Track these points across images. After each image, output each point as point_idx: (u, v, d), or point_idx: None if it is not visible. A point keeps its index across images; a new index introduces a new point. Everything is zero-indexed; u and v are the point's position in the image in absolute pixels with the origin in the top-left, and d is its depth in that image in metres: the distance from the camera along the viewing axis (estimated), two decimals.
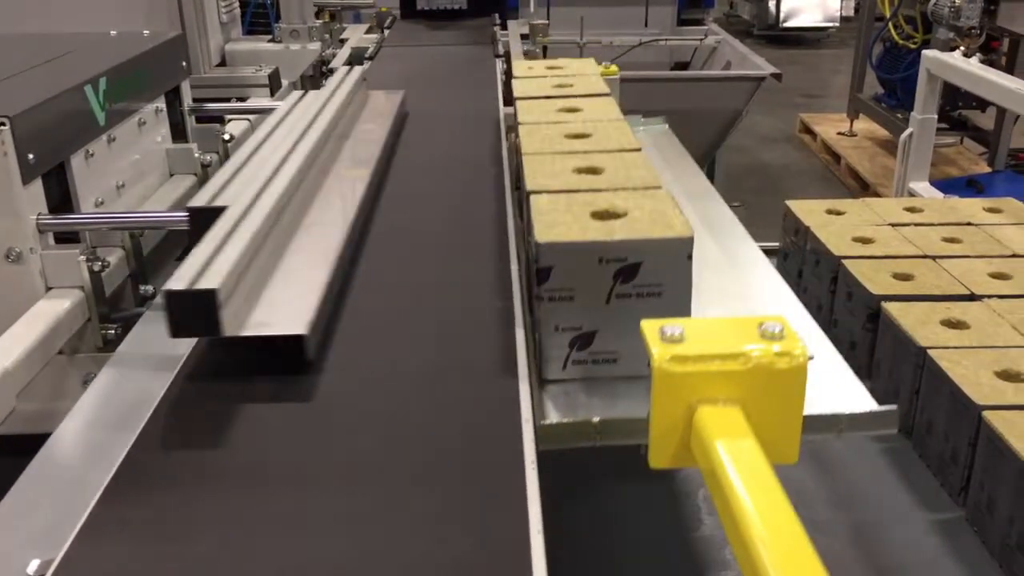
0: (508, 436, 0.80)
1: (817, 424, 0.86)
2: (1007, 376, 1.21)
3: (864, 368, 1.49)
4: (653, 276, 0.89)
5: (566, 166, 1.10)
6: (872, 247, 1.63)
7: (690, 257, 0.88)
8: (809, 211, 1.80)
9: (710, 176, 4.38)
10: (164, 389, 0.87)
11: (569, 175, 1.07)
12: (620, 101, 1.54)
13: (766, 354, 0.67)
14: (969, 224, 1.73)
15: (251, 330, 0.89)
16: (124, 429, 0.83)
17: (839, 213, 1.79)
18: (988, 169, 4.81)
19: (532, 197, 0.99)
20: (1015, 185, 4.46)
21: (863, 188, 5.07)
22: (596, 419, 0.86)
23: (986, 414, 1.12)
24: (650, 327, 0.70)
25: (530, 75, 1.59)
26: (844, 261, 1.57)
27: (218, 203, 1.06)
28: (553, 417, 0.87)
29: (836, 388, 0.94)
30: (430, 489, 0.74)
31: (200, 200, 1.10)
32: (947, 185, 4.37)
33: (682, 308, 0.90)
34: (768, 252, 1.95)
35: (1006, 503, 1.08)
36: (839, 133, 5.84)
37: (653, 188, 1.01)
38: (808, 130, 6.21)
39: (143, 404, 0.86)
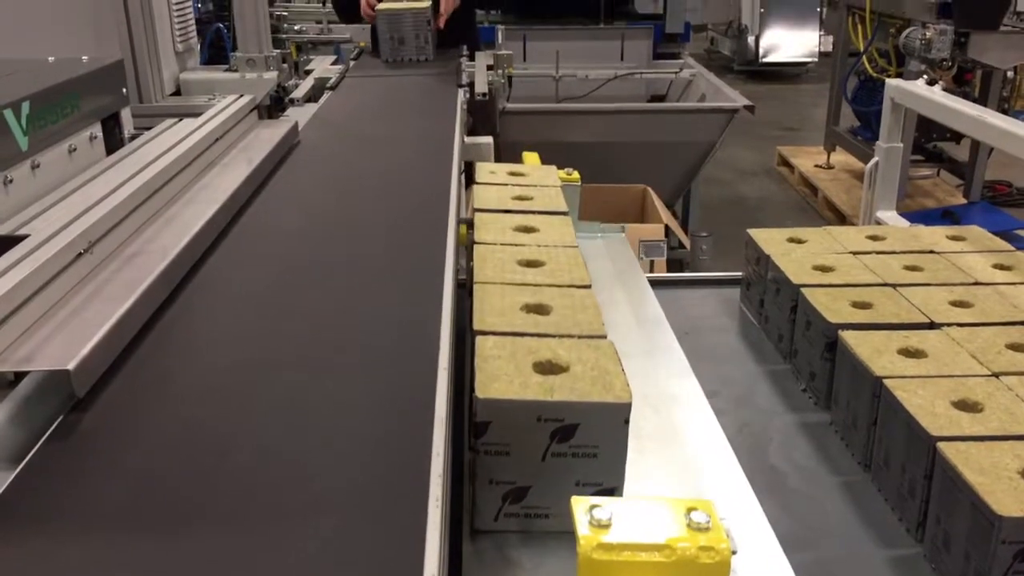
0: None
1: None
2: (964, 406, 1.17)
3: (823, 398, 1.45)
4: (589, 438, 0.90)
5: (515, 301, 1.12)
6: (832, 275, 1.59)
7: (627, 422, 0.90)
8: (770, 239, 1.76)
9: (686, 207, 4.40)
10: None
11: (516, 313, 1.09)
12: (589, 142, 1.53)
13: (690, 548, 0.70)
14: (932, 252, 1.70)
15: (10, 366, 0.85)
16: None
17: (800, 241, 1.76)
18: (964, 200, 4.82)
19: (478, 339, 1.01)
20: (990, 216, 4.47)
21: (840, 220, 5.07)
22: None
23: (940, 445, 1.08)
24: (580, 506, 0.73)
25: (491, 181, 1.63)
26: (803, 289, 1.53)
27: (24, 231, 1.03)
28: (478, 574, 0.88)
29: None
30: None
31: (5, 228, 1.07)
32: (923, 216, 4.38)
33: (616, 469, 0.92)
34: (731, 282, 1.94)
35: (960, 539, 1.03)
36: (816, 166, 5.86)
37: (598, 337, 1.04)
38: (786, 163, 6.24)
39: None
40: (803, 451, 1.36)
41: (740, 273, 1.87)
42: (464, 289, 1.56)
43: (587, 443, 0.90)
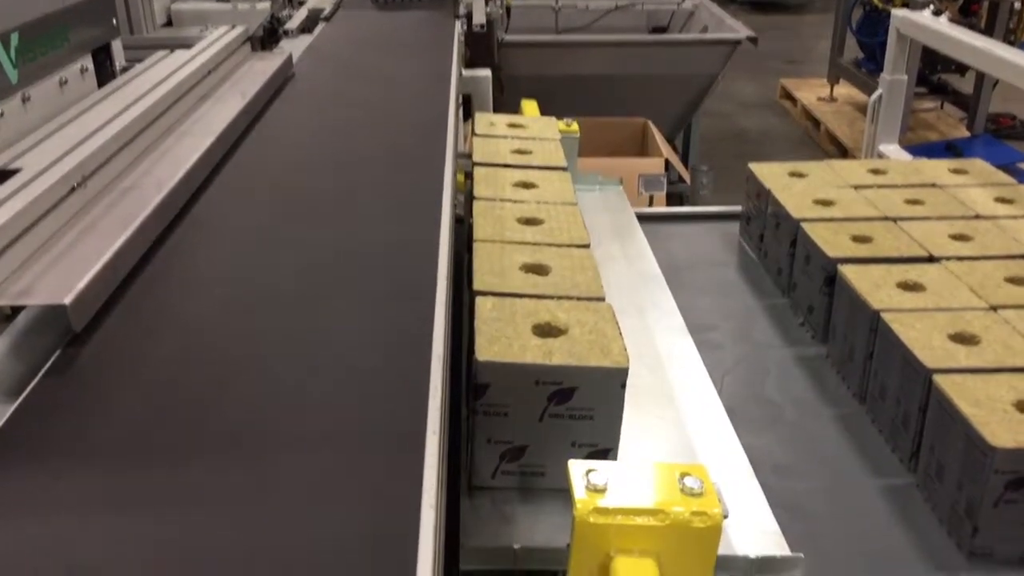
0: None
1: (725, 564, 0.86)
2: (960, 339, 1.18)
3: (821, 332, 1.45)
4: (587, 400, 0.92)
5: (514, 261, 1.13)
6: (832, 209, 1.58)
7: (623, 386, 0.91)
8: (771, 174, 1.75)
9: (686, 141, 4.36)
10: None
11: (515, 274, 1.10)
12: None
13: (684, 513, 0.72)
14: (933, 186, 1.69)
15: (6, 299, 0.84)
16: None
17: (801, 176, 1.75)
18: (967, 133, 4.77)
19: (477, 299, 1.02)
20: (994, 149, 4.43)
21: (842, 153, 5.02)
22: (517, 546, 0.88)
23: (936, 378, 1.09)
24: (577, 470, 0.74)
25: (491, 133, 1.63)
26: (803, 224, 1.53)
27: (17, 165, 1.02)
28: (474, 529, 0.90)
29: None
30: None
31: None
32: (926, 149, 4.34)
33: (612, 430, 0.93)
34: (731, 216, 1.93)
35: (954, 469, 1.04)
36: (819, 98, 5.78)
37: (596, 299, 1.04)
38: (789, 96, 6.15)
39: None
40: (800, 384, 1.37)
41: (740, 207, 1.86)
42: (462, 224, 1.56)
43: (584, 406, 0.92)
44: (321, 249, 1.06)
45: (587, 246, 1.19)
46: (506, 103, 3.60)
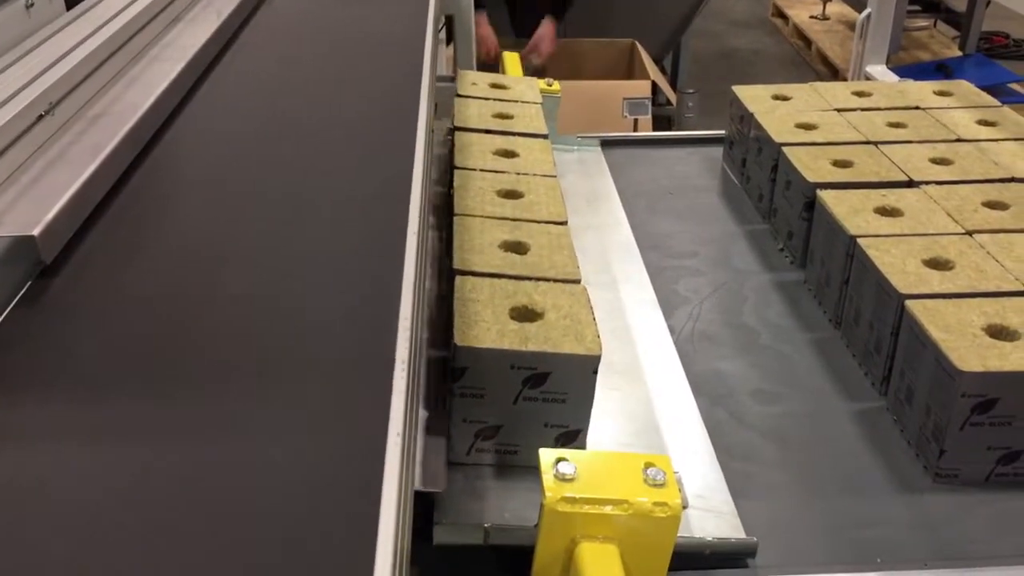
0: None
1: (683, 545, 0.89)
2: (935, 264, 1.18)
3: (800, 258, 1.46)
4: (560, 385, 0.96)
5: (494, 237, 1.14)
6: (814, 133, 1.57)
7: (595, 372, 0.95)
8: (754, 97, 1.74)
9: (675, 62, 4.29)
10: None
11: (494, 252, 1.12)
12: None
13: (646, 503, 0.77)
14: (917, 108, 1.68)
15: None
16: None
17: (785, 99, 1.73)
18: (960, 53, 4.71)
19: (457, 279, 1.04)
20: (985, 69, 4.39)
21: (833, 74, 4.97)
22: (487, 524, 0.92)
23: (908, 303, 1.10)
24: (547, 459, 0.79)
25: (472, 95, 1.63)
26: (784, 148, 1.52)
27: None
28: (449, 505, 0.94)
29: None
30: None
31: None
32: (916, 70, 4.30)
33: (583, 413, 0.98)
34: (715, 141, 1.92)
35: (923, 393, 1.06)
36: (812, 16, 5.70)
37: (572, 282, 1.07)
38: (781, 13, 6.06)
39: None
40: (777, 309, 1.38)
41: (724, 131, 1.85)
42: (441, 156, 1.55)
43: (557, 390, 0.96)
44: (292, 171, 1.05)
45: (565, 223, 1.21)
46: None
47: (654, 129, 2.98)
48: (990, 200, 1.34)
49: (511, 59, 1.96)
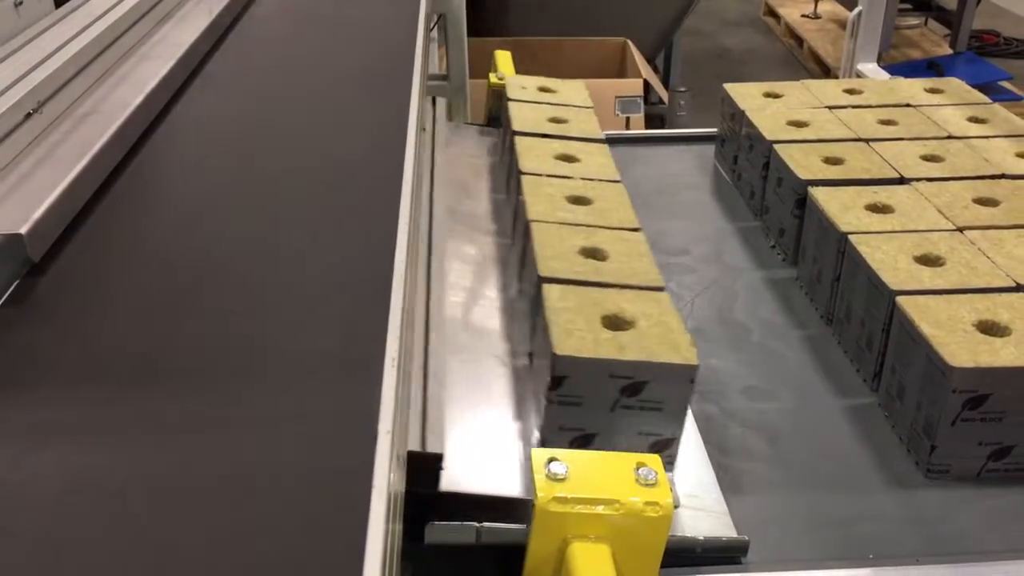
0: None
1: (674, 544, 0.89)
2: (926, 261, 1.19)
3: (791, 255, 1.46)
4: (656, 394, 0.96)
5: (572, 244, 1.16)
6: (805, 131, 1.57)
7: (692, 381, 0.96)
8: (746, 94, 1.74)
9: (667, 61, 4.30)
10: None
11: (575, 258, 1.14)
12: None
13: (637, 502, 0.77)
14: (908, 105, 1.68)
15: None
16: None
17: (776, 96, 1.73)
18: (951, 51, 4.73)
19: (544, 287, 1.06)
20: (976, 67, 4.40)
21: (825, 72, 4.98)
22: (479, 524, 0.91)
23: (899, 299, 1.10)
24: (539, 459, 0.80)
25: (524, 99, 1.64)
26: (776, 145, 1.52)
27: None
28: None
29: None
30: None
31: None
32: (907, 68, 4.30)
33: (677, 421, 0.98)
34: (706, 138, 1.92)
35: (915, 389, 1.06)
36: (803, 15, 5.71)
37: (656, 289, 1.08)
38: (772, 12, 6.07)
39: None
40: (769, 306, 1.38)
41: (716, 129, 1.85)
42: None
43: (654, 398, 0.96)
44: (284, 169, 1.05)
45: (639, 229, 1.23)
46: (485, 26, 3.53)
47: (646, 127, 2.98)
48: (981, 197, 1.35)
49: (503, 57, 1.96)
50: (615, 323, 1.01)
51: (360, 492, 0.56)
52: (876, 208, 1.32)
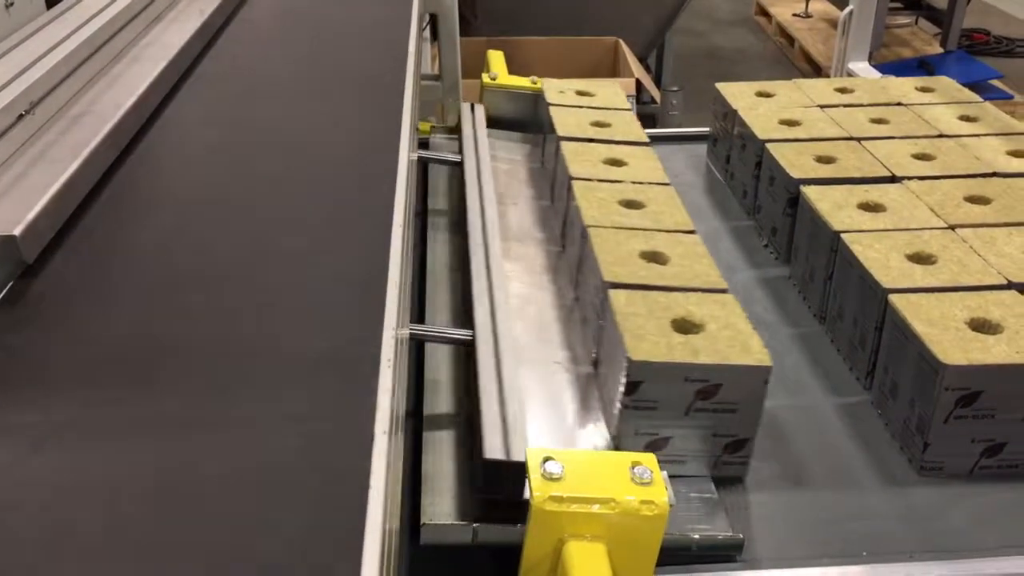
0: None
1: (670, 543, 0.89)
2: (918, 259, 1.19)
3: (784, 253, 1.46)
4: (731, 395, 0.98)
5: (631, 249, 1.18)
6: (797, 130, 1.58)
7: (766, 382, 0.97)
8: (738, 94, 1.74)
9: (659, 60, 4.30)
10: None
11: (636, 262, 1.15)
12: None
13: (633, 501, 0.77)
14: (899, 104, 1.69)
15: None
16: None
17: (768, 95, 1.74)
18: (941, 50, 4.74)
19: (611, 292, 1.07)
20: (966, 66, 4.42)
21: (816, 71, 4.99)
22: (474, 525, 0.91)
23: (892, 297, 1.10)
24: (534, 458, 0.80)
25: (564, 103, 1.65)
26: (768, 145, 1.52)
27: None
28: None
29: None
30: None
31: None
32: (898, 67, 4.32)
33: (752, 422, 1.00)
34: (698, 138, 1.92)
35: (907, 386, 1.07)
36: (794, 14, 5.72)
37: (720, 291, 1.10)
38: (764, 12, 6.08)
39: None
40: (762, 304, 1.38)
41: (708, 128, 1.85)
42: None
43: (729, 400, 0.98)
44: (276, 169, 1.05)
45: (694, 232, 1.24)
46: (478, 26, 3.53)
47: None
48: (972, 195, 1.35)
49: (495, 57, 1.96)
50: (684, 326, 1.03)
51: (357, 492, 0.56)
52: (868, 207, 1.32)
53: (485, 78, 1.83)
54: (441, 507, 0.91)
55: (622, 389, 0.97)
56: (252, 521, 0.57)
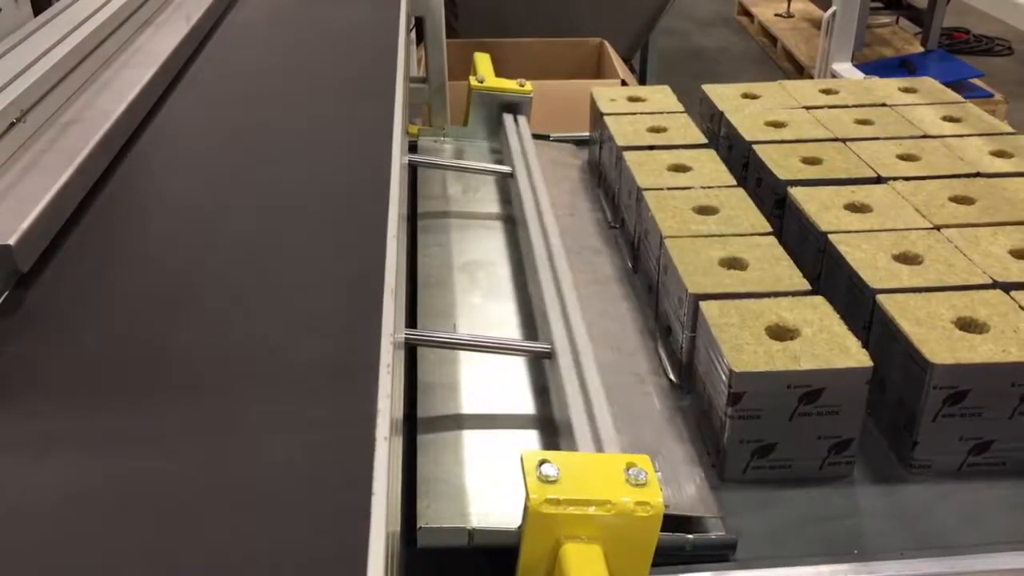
0: None
1: (664, 543, 0.89)
2: (904, 259, 1.21)
3: None
4: (834, 398, 1.00)
5: (710, 257, 1.19)
6: (783, 131, 1.59)
7: (868, 382, 0.99)
8: (724, 95, 1.75)
9: (643, 61, 4.31)
10: None
11: (717, 270, 1.16)
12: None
13: (628, 503, 0.78)
14: (884, 105, 1.71)
15: None
16: None
17: (754, 97, 1.75)
18: (922, 49, 4.79)
19: (703, 304, 1.09)
20: (947, 64, 4.46)
21: (799, 71, 5.03)
22: (471, 527, 0.91)
23: (879, 297, 1.12)
24: (530, 461, 0.80)
25: (618, 111, 1.65)
26: (754, 146, 1.54)
27: None
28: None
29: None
30: None
31: None
32: (880, 66, 4.35)
33: (855, 422, 1.02)
34: None
35: (896, 385, 1.08)
36: (777, 14, 5.75)
37: (807, 293, 1.12)
38: (746, 12, 6.11)
39: None
40: None
41: None
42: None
43: (831, 403, 1.00)
44: (268, 172, 1.05)
45: (771, 233, 1.25)
46: (460, 28, 3.54)
47: None
48: (957, 195, 1.37)
49: (482, 60, 1.96)
50: (779, 333, 1.04)
51: (360, 498, 0.57)
52: (855, 207, 1.34)
53: (473, 81, 1.83)
54: (437, 510, 0.91)
55: (725, 400, 0.99)
56: (252, 530, 0.57)
